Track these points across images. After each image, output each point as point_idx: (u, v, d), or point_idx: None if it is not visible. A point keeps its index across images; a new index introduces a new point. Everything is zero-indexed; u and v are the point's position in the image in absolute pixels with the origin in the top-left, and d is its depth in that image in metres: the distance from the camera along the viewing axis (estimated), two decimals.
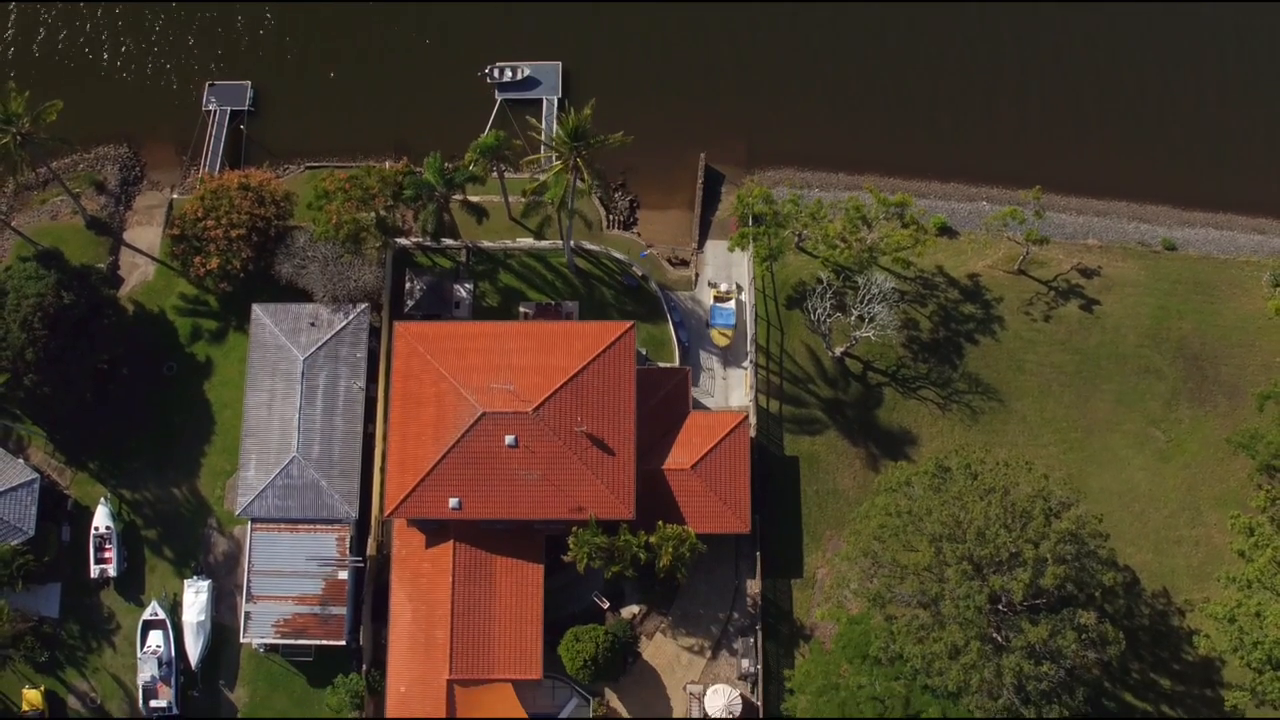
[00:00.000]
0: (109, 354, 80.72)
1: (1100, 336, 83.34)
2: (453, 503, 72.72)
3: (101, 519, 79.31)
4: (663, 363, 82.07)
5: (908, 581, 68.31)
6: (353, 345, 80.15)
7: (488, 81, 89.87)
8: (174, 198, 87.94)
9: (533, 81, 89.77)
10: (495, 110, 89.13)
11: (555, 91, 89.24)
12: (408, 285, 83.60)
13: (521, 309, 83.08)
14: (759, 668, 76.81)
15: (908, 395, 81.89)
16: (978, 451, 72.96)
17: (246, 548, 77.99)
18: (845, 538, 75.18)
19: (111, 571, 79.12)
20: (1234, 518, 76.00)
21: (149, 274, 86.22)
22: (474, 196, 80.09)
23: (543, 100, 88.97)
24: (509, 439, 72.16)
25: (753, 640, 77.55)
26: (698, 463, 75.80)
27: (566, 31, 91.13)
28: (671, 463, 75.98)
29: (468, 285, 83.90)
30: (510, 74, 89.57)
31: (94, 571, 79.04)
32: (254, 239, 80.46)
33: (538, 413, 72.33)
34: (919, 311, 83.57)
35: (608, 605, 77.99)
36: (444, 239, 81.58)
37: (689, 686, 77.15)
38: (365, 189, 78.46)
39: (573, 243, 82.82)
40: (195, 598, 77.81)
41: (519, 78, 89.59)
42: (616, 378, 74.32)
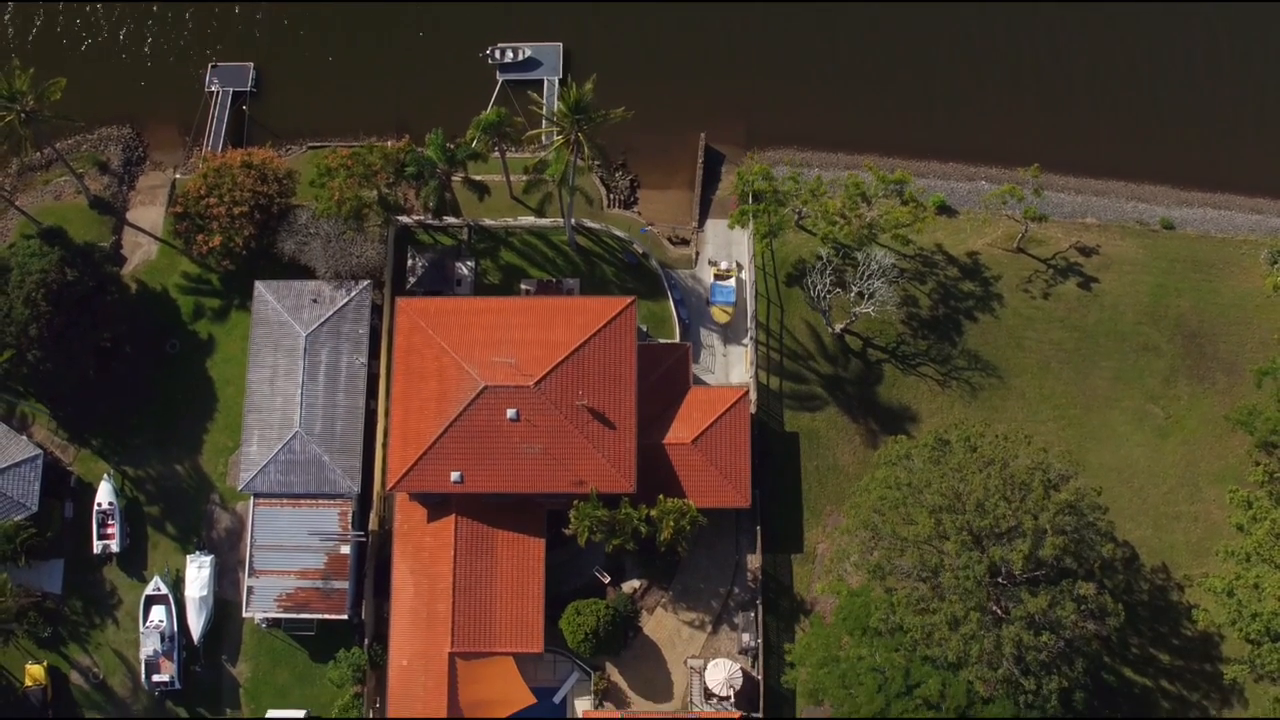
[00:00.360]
0: (112, 331, 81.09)
1: (1099, 314, 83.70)
2: (454, 476, 73.03)
3: (104, 495, 79.61)
4: (663, 339, 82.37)
5: (908, 554, 68.58)
6: (355, 322, 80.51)
7: (489, 63, 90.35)
8: (177, 178, 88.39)
9: (534, 63, 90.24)
10: (496, 91, 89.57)
11: (556, 72, 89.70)
12: (409, 262, 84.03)
13: (523, 286, 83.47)
14: (760, 642, 77.08)
15: (907, 372, 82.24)
16: (977, 426, 73.32)
17: (249, 523, 78.26)
18: (845, 512, 75.46)
19: (114, 547, 79.41)
20: (1232, 492, 76.41)
21: (152, 253, 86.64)
22: (476, 175, 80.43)
23: (544, 81, 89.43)
24: (510, 412, 72.50)
25: (753, 615, 77.82)
26: (698, 437, 76.11)
27: (567, 13, 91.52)
28: (672, 437, 76.30)
29: (469, 263, 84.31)
30: (511, 55, 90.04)
31: (97, 547, 79.33)
32: (256, 216, 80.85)
33: (539, 386, 72.68)
34: (918, 289, 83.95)
35: (608, 580, 78.26)
36: (446, 217, 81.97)
37: (690, 660, 77.43)
38: (367, 166, 78.83)
39: (574, 220, 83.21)
40: (198, 573, 78.07)
41: (520, 59, 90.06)
42: (617, 352, 74.67)
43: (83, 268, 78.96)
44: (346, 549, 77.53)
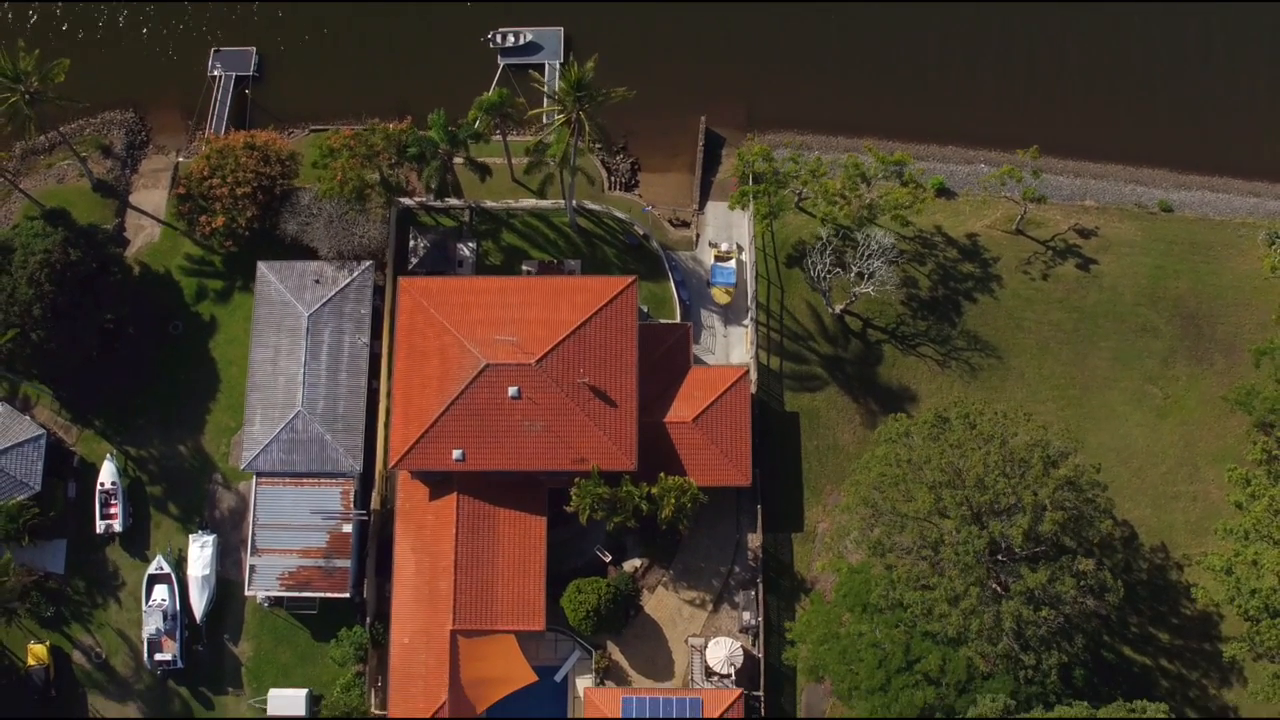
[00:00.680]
0: (115, 312, 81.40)
1: (1098, 295, 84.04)
2: (456, 454, 73.29)
3: (107, 475, 79.86)
4: (664, 320, 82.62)
5: (907, 530, 68.83)
6: (357, 302, 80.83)
7: (490, 47, 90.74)
8: (179, 161, 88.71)
9: (535, 47, 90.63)
10: (498, 75, 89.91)
11: (557, 57, 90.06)
12: (411, 244, 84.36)
13: (524, 267, 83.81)
14: (760, 620, 77.31)
15: (907, 352, 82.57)
16: (977, 404, 73.53)
17: (251, 502, 78.53)
18: (845, 489, 75.73)
19: (117, 527, 79.67)
20: (1230, 470, 76.57)
21: (155, 235, 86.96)
22: (478, 156, 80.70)
23: (545, 65, 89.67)
24: (512, 390, 72.79)
25: (754, 593, 78.05)
26: (699, 416, 76.40)
27: None
28: (673, 416, 76.58)
29: (471, 244, 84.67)
30: (513, 39, 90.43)
31: (100, 527, 79.59)
32: (259, 197, 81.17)
33: (541, 364, 72.99)
34: (918, 270, 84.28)
35: (610, 559, 78.50)
36: (447, 198, 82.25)
37: (690, 639, 77.65)
38: (370, 146, 79.17)
39: (575, 202, 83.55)
40: (200, 552, 78.29)
41: (521, 43, 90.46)
42: (619, 331, 75.01)
43: (86, 249, 79.23)
44: (348, 528, 77.78)
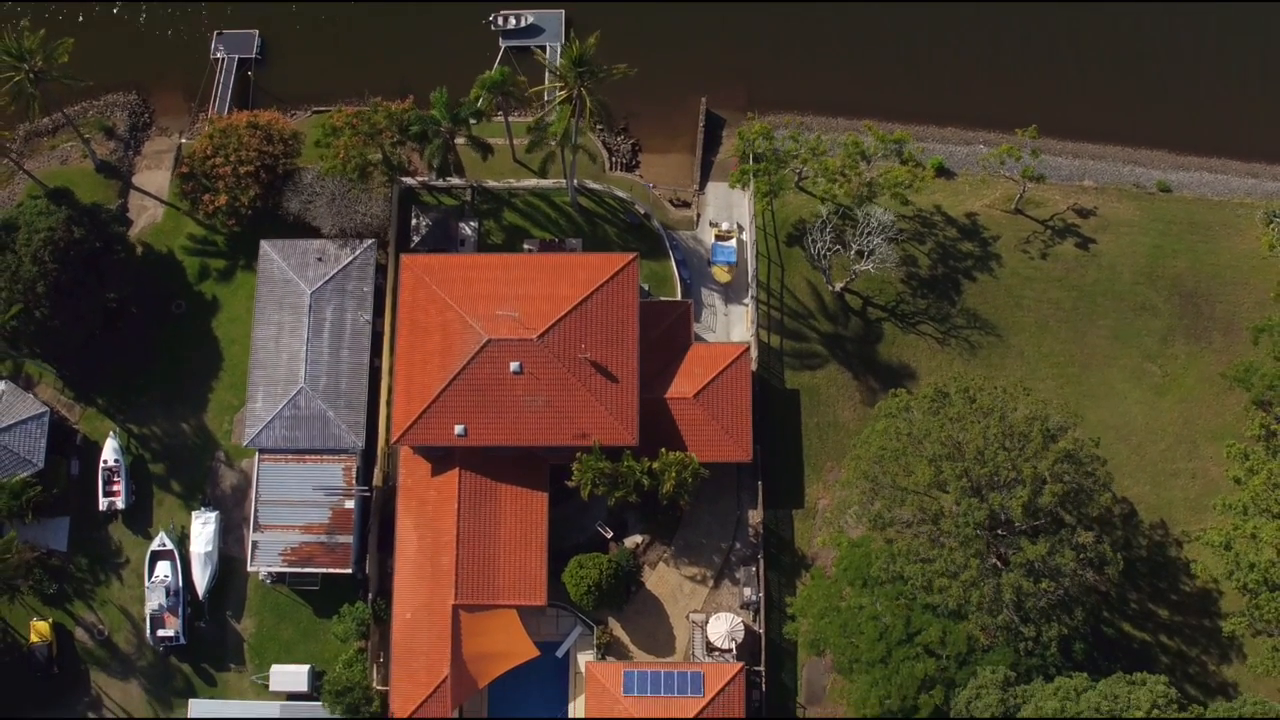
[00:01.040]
0: (118, 291, 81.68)
1: (1097, 274, 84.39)
2: (458, 429, 73.57)
3: (110, 452, 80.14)
4: (665, 298, 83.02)
5: (908, 504, 69.07)
6: (359, 280, 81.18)
7: (492, 30, 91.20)
8: (182, 142, 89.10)
9: (536, 29, 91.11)
10: (499, 57, 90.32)
11: (558, 39, 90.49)
12: (413, 223, 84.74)
13: (525, 246, 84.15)
14: (761, 596, 77.56)
15: (907, 330, 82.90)
16: (976, 379, 73.82)
17: (254, 478, 78.80)
18: (845, 465, 76.00)
19: (120, 504, 79.95)
20: (1229, 446, 76.78)
21: (158, 216, 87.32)
22: (479, 135, 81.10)
23: (546, 47, 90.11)
24: (514, 365, 73.10)
25: (755, 569, 78.29)
26: (700, 392, 76.69)
27: None
28: (674, 392, 76.86)
29: (472, 223, 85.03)
30: (514, 21, 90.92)
31: (102, 504, 79.88)
32: (262, 176, 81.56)
33: (542, 339, 73.30)
34: (917, 249, 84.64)
35: (611, 535, 78.75)
36: (449, 177, 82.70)
37: (692, 615, 77.86)
38: (372, 125, 79.58)
39: (576, 181, 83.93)
40: (202, 529, 78.54)
41: (523, 25, 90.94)
42: (620, 306, 75.33)
43: (90, 227, 79.63)
44: (351, 504, 78.05)
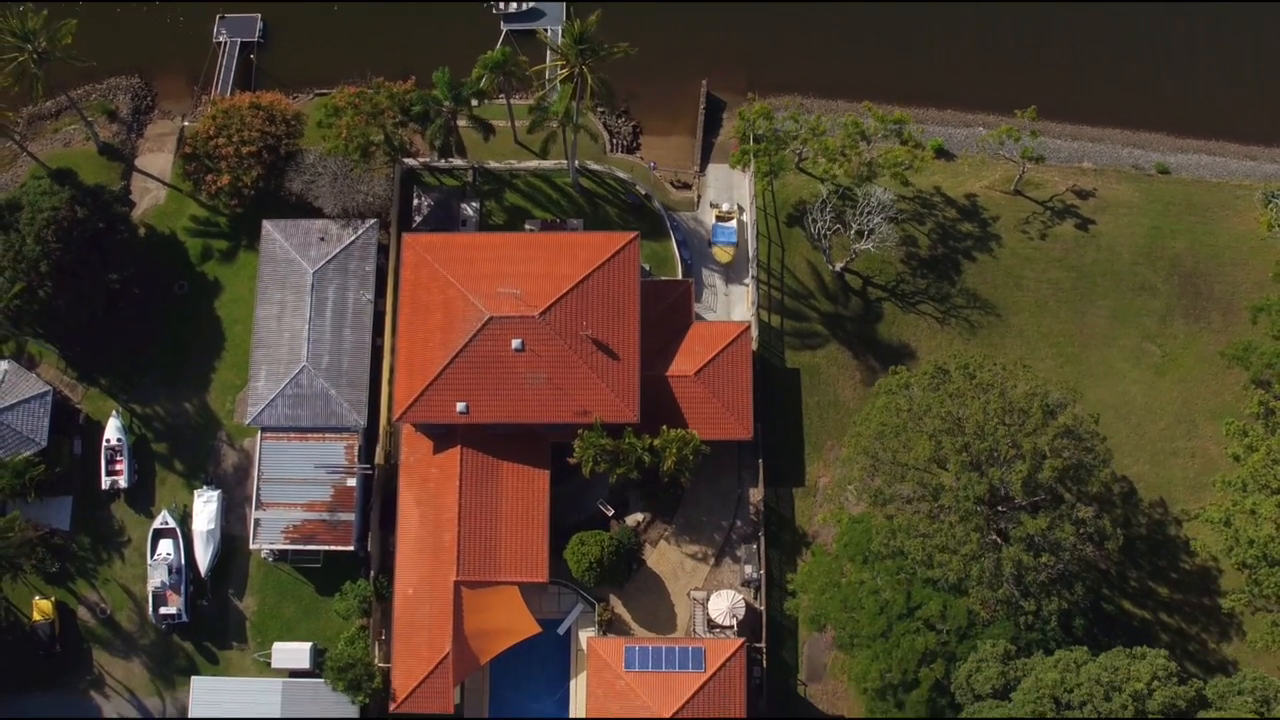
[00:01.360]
0: (121, 272, 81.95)
1: (1096, 254, 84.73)
2: (460, 407, 73.81)
3: (112, 432, 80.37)
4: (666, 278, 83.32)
5: (908, 479, 69.34)
6: (361, 259, 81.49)
7: (494, 13, 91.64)
8: (185, 125, 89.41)
9: (537, 13, 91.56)
10: (500, 41, 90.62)
11: (559, 23, 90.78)
12: (415, 203, 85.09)
13: (527, 226, 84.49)
14: (762, 573, 77.79)
15: (907, 310, 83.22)
16: (976, 356, 74.04)
17: (256, 456, 79.05)
18: (845, 442, 76.25)
19: (122, 483, 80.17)
20: (1228, 424, 77.07)
21: (160, 198, 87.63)
22: (481, 115, 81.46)
23: (547, 30, 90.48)
24: (515, 343, 73.36)
25: (756, 547, 78.53)
26: (701, 370, 76.96)
27: None
28: (675, 370, 77.13)
29: (474, 204, 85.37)
30: (515, 5, 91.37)
31: (105, 483, 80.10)
32: (265, 157, 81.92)
33: (544, 317, 73.57)
34: (917, 229, 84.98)
35: (612, 513, 78.98)
36: (451, 158, 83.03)
37: (693, 592, 78.11)
38: (374, 105, 79.93)
39: (577, 162, 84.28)
40: (205, 507, 78.78)
41: (524, 9, 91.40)
42: (621, 285, 75.60)
43: (93, 207, 79.96)
44: (353, 481, 78.27)
